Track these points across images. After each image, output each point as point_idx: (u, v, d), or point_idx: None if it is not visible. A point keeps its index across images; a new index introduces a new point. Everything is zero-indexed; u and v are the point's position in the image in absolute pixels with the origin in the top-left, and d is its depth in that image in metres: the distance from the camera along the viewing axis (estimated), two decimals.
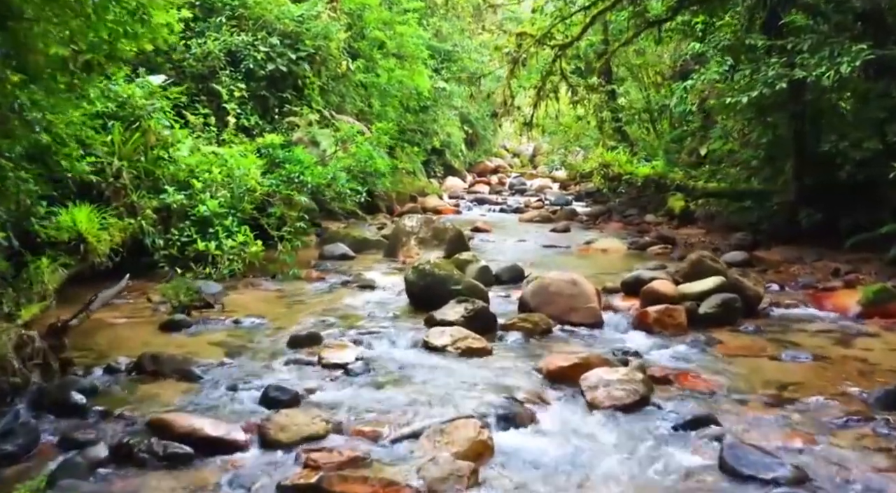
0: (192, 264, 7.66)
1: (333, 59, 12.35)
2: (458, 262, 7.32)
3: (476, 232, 12.27)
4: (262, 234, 8.50)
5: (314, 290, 7.44)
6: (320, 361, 4.85)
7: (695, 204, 12.42)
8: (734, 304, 6.16)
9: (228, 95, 10.46)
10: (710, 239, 11.22)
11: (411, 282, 6.38)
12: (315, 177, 8.36)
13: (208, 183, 8.46)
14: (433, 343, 5.20)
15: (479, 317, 5.69)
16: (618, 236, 11.72)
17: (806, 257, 9.15)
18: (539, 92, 12.32)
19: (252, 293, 7.24)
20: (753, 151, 11.36)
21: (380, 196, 15.68)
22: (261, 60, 10.97)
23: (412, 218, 9.68)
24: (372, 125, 11.17)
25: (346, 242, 10.00)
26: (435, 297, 6.18)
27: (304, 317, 6.15)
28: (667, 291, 6.10)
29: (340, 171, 8.82)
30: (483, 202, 18.13)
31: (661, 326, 5.80)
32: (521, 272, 7.66)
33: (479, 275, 7.18)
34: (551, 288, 6.14)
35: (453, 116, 22.49)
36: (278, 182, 8.47)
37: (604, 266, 8.89)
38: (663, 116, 15.43)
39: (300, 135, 10.71)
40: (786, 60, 8.20)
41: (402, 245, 9.44)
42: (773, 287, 7.58)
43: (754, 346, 5.57)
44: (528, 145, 28.60)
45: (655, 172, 11.86)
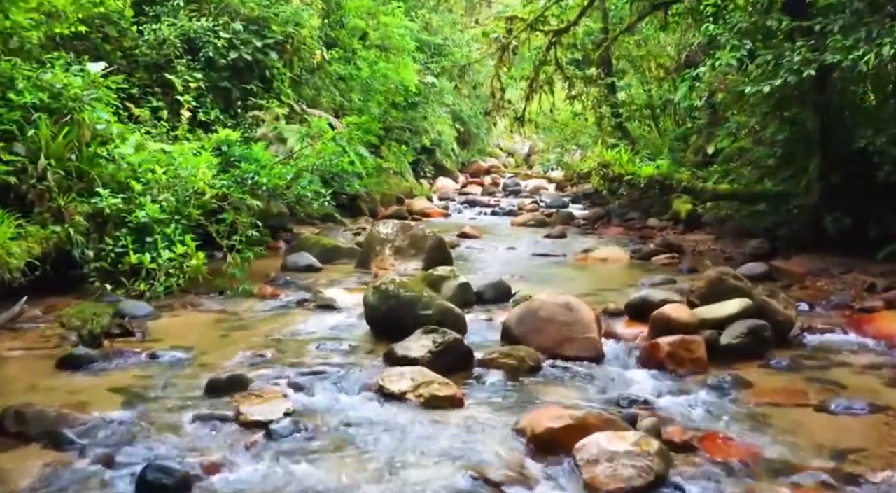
0: (124, 279, 6.60)
1: (307, 49, 11.24)
2: (431, 278, 6.20)
3: (463, 238, 11.18)
4: (211, 243, 7.42)
5: (263, 311, 6.32)
6: (238, 417, 3.74)
7: (703, 207, 11.31)
8: (763, 332, 5.06)
9: (183, 87, 9.35)
10: (720, 246, 10.12)
11: (371, 306, 5.27)
12: (271, 178, 7.25)
13: (150, 185, 7.37)
14: (389, 389, 4.09)
15: (450, 352, 4.58)
16: (618, 243, 10.62)
17: (833, 269, 8.04)
18: (532, 84, 11.20)
19: (188, 316, 6.12)
20: (768, 150, 10.23)
21: (362, 198, 14.63)
22: (222, 48, 9.87)
23: (387, 224, 8.57)
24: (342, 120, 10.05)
25: (314, 250, 8.89)
26: (400, 324, 5.08)
27: (239, 349, 5.03)
28: (682, 317, 4.98)
29: (304, 171, 7.71)
30: (474, 204, 17.02)
31: (675, 362, 4.70)
32: (508, 289, 6.55)
33: (456, 294, 6.07)
34: (541, 313, 5.03)
35: (444, 114, 21.38)
36: (230, 184, 7.35)
37: (603, 280, 7.79)
38: (667, 111, 14.32)
39: (265, 130, 9.60)
40: (813, 43, 7.09)
41: (375, 255, 8.33)
42: (802, 307, 6.46)
43: (793, 389, 4.46)
44: (523, 144, 27.49)
45: (660, 173, 10.74)
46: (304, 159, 7.83)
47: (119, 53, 9.57)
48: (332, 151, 7.96)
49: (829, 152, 8.37)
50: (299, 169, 7.57)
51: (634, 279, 7.60)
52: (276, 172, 7.32)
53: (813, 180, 8.59)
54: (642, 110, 14.62)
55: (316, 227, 12.09)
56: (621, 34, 11.54)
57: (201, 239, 7.22)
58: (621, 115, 13.43)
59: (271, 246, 10.00)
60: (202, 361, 4.82)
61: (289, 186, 7.37)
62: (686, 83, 13.75)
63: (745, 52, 7.41)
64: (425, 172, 21.41)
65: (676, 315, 4.97)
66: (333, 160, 7.76)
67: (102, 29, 9.51)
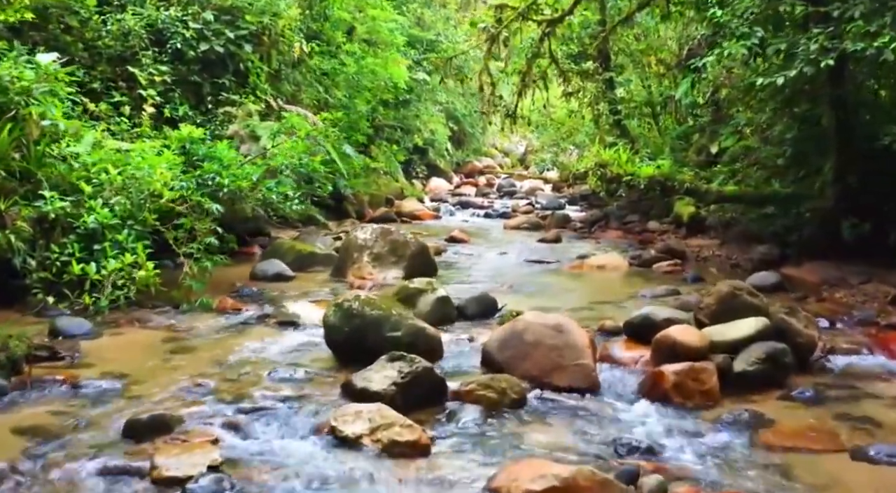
0: (69, 291, 5.93)
1: (285, 42, 10.56)
2: (407, 292, 5.53)
3: (451, 243, 10.50)
4: (171, 251, 6.75)
5: (218, 328, 5.64)
6: (152, 471, 3.06)
7: (706, 210, 10.63)
8: (783, 358, 4.39)
9: (148, 80, 8.66)
10: (726, 252, 9.44)
11: (332, 326, 4.59)
12: (235, 179, 6.57)
13: (102, 187, 6.70)
14: (342, 432, 3.42)
15: (418, 383, 3.90)
16: (616, 248, 9.93)
17: (850, 278, 7.38)
18: (524, 78, 10.50)
19: (132, 334, 5.44)
20: (777, 149, 9.57)
21: (349, 199, 13.96)
22: (191, 39, 9.18)
23: (366, 229, 7.88)
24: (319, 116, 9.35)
25: (287, 257, 8.20)
26: (365, 347, 4.42)
27: (179, 377, 4.36)
28: (690, 341, 4.31)
29: (272, 171, 7.02)
30: (467, 206, 16.34)
31: (682, 394, 4.03)
32: (493, 303, 5.86)
33: (434, 310, 5.40)
34: (527, 336, 4.35)
35: (438, 112, 20.70)
36: (189, 185, 6.66)
37: (600, 291, 7.11)
38: (667, 109, 13.64)
39: (236, 127, 8.91)
40: (831, 31, 6.42)
41: (351, 263, 7.65)
42: (821, 323, 5.77)
43: (821, 430, 3.78)
44: (519, 144, 26.82)
45: (661, 173, 10.06)
46: (273, 159, 7.14)
47: (80, 45, 8.90)
48: (304, 150, 7.26)
49: (846, 152, 7.70)
50: (265, 169, 6.88)
51: (634, 290, 6.93)
52: (241, 172, 6.64)
53: (827, 182, 7.93)
54: (642, 108, 13.93)
55: (297, 230, 11.42)
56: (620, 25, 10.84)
57: (158, 247, 6.57)
58: (620, 112, 12.74)
59: (245, 252, 9.34)
60: (133, 392, 4.14)
61: (254, 188, 6.67)
62: (688, 79, 13.09)
63: (756, 40, 6.73)
64: (418, 172, 20.73)
65: (683, 339, 4.29)
66: (303, 160, 7.06)
67: (63, 19, 8.84)
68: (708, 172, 11.18)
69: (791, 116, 9.07)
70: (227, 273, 7.73)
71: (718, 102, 12.41)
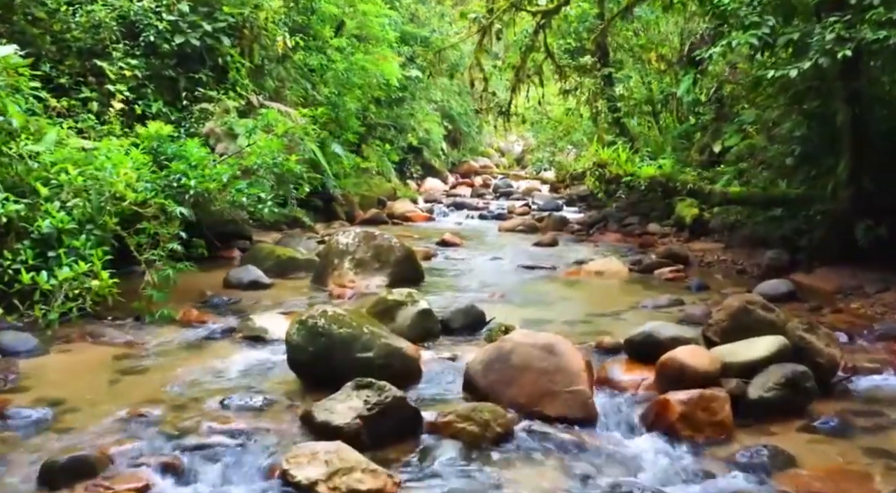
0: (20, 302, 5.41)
1: (267, 35, 10.05)
2: (385, 304, 5.02)
3: (442, 246, 9.99)
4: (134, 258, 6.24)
5: (178, 344, 5.14)
6: None
7: (710, 212, 10.13)
8: (804, 382, 3.88)
9: (117, 75, 8.16)
10: (731, 257, 8.93)
11: (295, 346, 4.07)
12: (202, 180, 6.06)
13: (61, 188, 6.18)
14: (295, 478, 2.92)
15: (388, 415, 3.40)
16: (616, 253, 9.43)
17: (867, 286, 6.88)
18: (518, 73, 9.98)
19: (81, 351, 4.94)
20: (784, 147, 9.08)
21: (338, 200, 13.46)
22: (165, 32, 8.66)
23: (348, 233, 7.37)
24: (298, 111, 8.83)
25: (266, 263, 7.71)
26: (332, 370, 3.91)
27: (121, 404, 3.85)
28: (699, 365, 3.79)
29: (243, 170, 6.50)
30: (461, 207, 15.83)
31: (691, 427, 3.52)
32: (481, 316, 5.35)
33: (415, 324, 4.89)
34: (514, 358, 3.84)
35: (433, 111, 20.20)
36: (155, 186, 6.15)
37: (598, 300, 6.60)
38: (668, 106, 13.14)
39: (212, 125, 8.40)
40: (849, 19, 5.92)
41: (332, 269, 7.14)
42: (839, 337, 5.27)
43: (852, 470, 3.28)
44: (517, 143, 26.33)
45: (662, 173, 9.58)
46: (246, 158, 6.63)
47: (48, 38, 8.38)
48: (279, 148, 6.75)
49: (861, 150, 7.20)
50: (238, 169, 6.37)
51: (635, 299, 6.42)
52: (209, 173, 6.13)
53: (841, 182, 7.41)
54: (641, 105, 13.43)
55: (281, 233, 10.93)
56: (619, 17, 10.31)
57: (121, 253, 6.06)
58: (619, 109, 12.22)
59: (224, 256, 8.86)
60: (64, 423, 3.63)
61: (223, 190, 6.16)
62: (690, 75, 12.65)
63: (767, 30, 6.22)
64: (412, 172, 20.24)
65: (692, 363, 3.78)
66: (277, 159, 6.55)
67: (28, 10, 8.33)
68: (711, 173, 10.70)
69: (800, 113, 8.57)
70: (199, 280, 7.24)
71: (721, 100, 11.92)
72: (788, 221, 8.74)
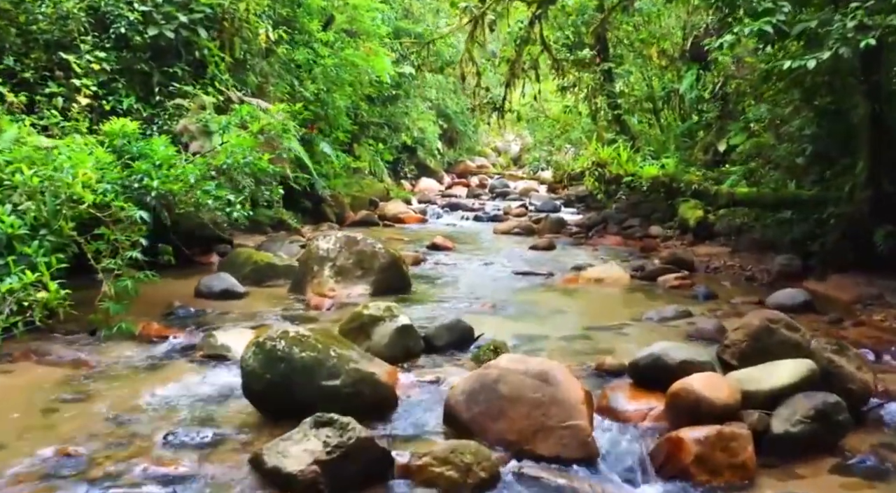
0: None
1: (249, 28, 9.53)
2: (359, 320, 4.50)
3: (433, 250, 9.49)
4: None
5: (132, 363, 4.62)
6: None
7: (715, 214, 9.61)
8: (836, 414, 3.37)
9: (85, 68, 7.63)
10: (738, 262, 8.43)
11: (251, 373, 3.55)
12: (165, 181, 5.53)
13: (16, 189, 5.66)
14: None
15: (351, 459, 2.88)
16: (616, 257, 8.92)
17: (887, 295, 6.40)
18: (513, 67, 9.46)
19: (21, 373, 4.42)
20: (795, 146, 8.58)
21: (327, 202, 12.94)
22: (137, 23, 8.14)
23: (329, 237, 6.86)
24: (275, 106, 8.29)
25: (243, 269, 7.21)
26: (294, 400, 3.41)
27: (51, 439, 3.33)
28: (717, 397, 3.27)
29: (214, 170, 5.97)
30: (456, 208, 15.32)
31: (708, 470, 3.02)
32: (469, 332, 4.82)
33: (393, 343, 4.38)
34: (503, 388, 3.33)
35: (427, 110, 19.68)
36: (115, 188, 5.63)
37: (598, 311, 6.09)
38: (671, 104, 12.62)
39: (186, 122, 7.87)
40: (872, 5, 5.41)
41: (311, 277, 6.63)
42: (865, 354, 4.76)
43: None
44: (514, 142, 25.81)
45: (665, 174, 9.07)
46: (214, 157, 6.10)
47: (13, 30, 7.86)
48: (251, 145, 6.22)
49: (881, 149, 6.70)
50: (206, 169, 5.84)
51: (638, 310, 5.91)
52: (173, 173, 5.61)
53: (859, 184, 6.92)
54: (642, 103, 12.91)
55: (265, 236, 10.43)
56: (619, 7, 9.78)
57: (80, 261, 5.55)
58: (619, 106, 11.69)
59: (202, 261, 8.37)
60: None
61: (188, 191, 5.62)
62: (693, 71, 12.14)
63: (782, 17, 5.71)
64: (406, 172, 19.74)
65: (710, 394, 3.26)
66: (247, 158, 6.02)
67: None
68: (715, 173, 10.20)
69: (812, 109, 8.07)
70: (170, 288, 6.74)
71: (726, 97, 11.42)
72: (799, 224, 8.25)
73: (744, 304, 6.28)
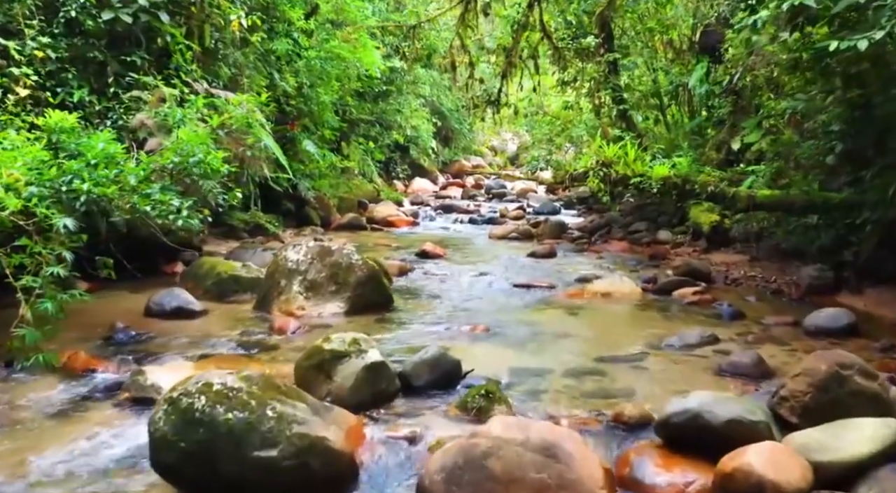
0: None
1: (220, 14, 8.67)
2: (318, 357, 3.64)
3: (422, 258, 8.64)
4: None
5: (42, 406, 3.77)
6: None
7: (731, 219, 8.76)
8: None
9: (28, 56, 6.79)
10: (761, 273, 7.58)
11: (161, 439, 2.68)
12: (97, 183, 4.68)
13: None
14: None
15: None
16: (624, 266, 8.08)
17: None
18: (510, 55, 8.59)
19: None
20: (821, 143, 7.74)
21: (311, 203, 12.09)
22: (90, 6, 7.29)
23: (299, 247, 5.99)
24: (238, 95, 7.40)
25: (206, 282, 6.39)
26: (217, 477, 2.55)
27: None
28: (786, 481, 2.41)
29: (159, 170, 5.10)
30: (450, 210, 14.47)
31: None
32: (455, 368, 3.96)
33: (360, 385, 3.52)
34: (495, 465, 2.48)
35: (421, 107, 18.81)
36: (43, 192, 4.77)
37: (609, 336, 5.23)
38: (678, 99, 11.78)
39: (143, 116, 7.01)
40: None
41: (277, 293, 5.77)
42: None
43: None
44: (511, 141, 24.99)
45: (677, 174, 8.22)
46: (161, 156, 5.23)
47: None
48: (204, 141, 5.34)
49: None
50: (149, 170, 4.97)
51: (655, 334, 5.06)
52: (109, 174, 4.74)
53: None
54: (648, 98, 12.06)
55: (241, 241, 9.59)
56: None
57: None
58: (625, 101, 10.82)
59: (167, 271, 7.53)
60: None
61: (124, 196, 4.75)
62: (703, 64, 11.30)
63: None
64: (398, 172, 18.89)
65: (777, 477, 2.40)
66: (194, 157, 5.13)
67: None
68: (729, 173, 9.36)
69: (843, 103, 7.23)
70: (120, 305, 5.95)
71: (739, 91, 10.57)
72: (827, 230, 7.42)
73: (777, 325, 5.45)
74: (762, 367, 4.05)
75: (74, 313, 5.33)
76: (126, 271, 6.77)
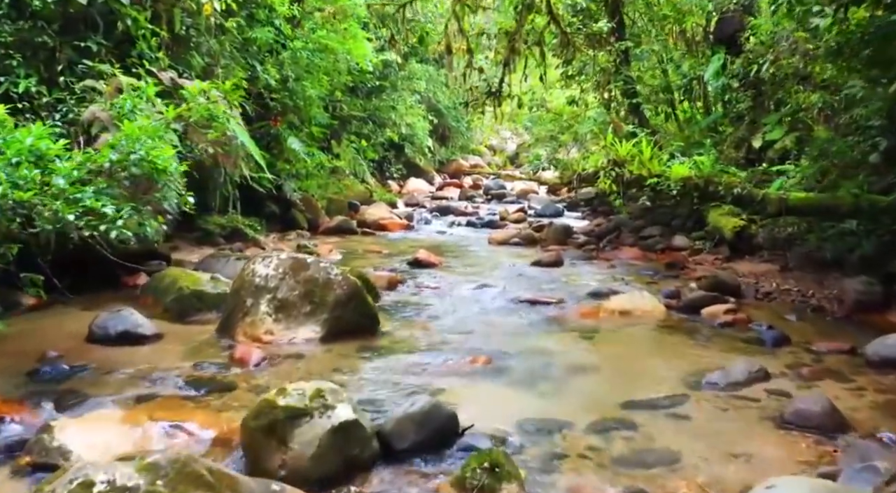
0: None
1: None
2: (271, 416, 2.79)
3: (415, 268, 7.80)
4: None
5: None
6: None
7: (756, 224, 7.92)
8: None
9: None
10: (796, 285, 6.73)
11: None
12: (13, 186, 3.83)
13: None
14: None
15: None
16: (639, 277, 7.26)
17: None
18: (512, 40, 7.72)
19: None
20: (860, 140, 6.94)
21: (297, 206, 11.25)
22: None
23: (268, 261, 5.14)
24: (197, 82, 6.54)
25: (166, 298, 5.56)
26: None
27: None
28: None
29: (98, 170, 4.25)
30: (447, 212, 13.63)
31: None
32: (451, 424, 3.11)
33: (325, 453, 2.68)
34: None
35: (416, 103, 17.97)
36: None
37: (633, 367, 4.39)
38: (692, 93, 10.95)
39: (96, 109, 6.16)
40: None
41: (243, 314, 4.92)
42: None
43: None
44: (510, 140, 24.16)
45: (699, 175, 7.39)
46: (99, 154, 4.38)
47: None
48: (148, 135, 4.48)
49: None
50: (83, 171, 4.12)
51: (689, 367, 4.23)
52: (30, 175, 3.91)
53: None
54: (659, 93, 11.22)
55: (217, 248, 8.74)
56: None
57: None
58: (637, 94, 9.96)
59: (129, 283, 6.69)
60: None
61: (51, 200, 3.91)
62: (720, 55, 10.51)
63: None
64: (393, 172, 18.05)
65: None
66: (135, 154, 4.29)
67: None
68: (750, 173, 8.54)
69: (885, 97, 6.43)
70: (60, 328, 5.14)
71: (759, 85, 9.74)
72: (869, 237, 6.60)
73: (830, 352, 4.61)
74: (836, 417, 3.24)
75: (5, 338, 4.54)
76: (85, 286, 5.99)
